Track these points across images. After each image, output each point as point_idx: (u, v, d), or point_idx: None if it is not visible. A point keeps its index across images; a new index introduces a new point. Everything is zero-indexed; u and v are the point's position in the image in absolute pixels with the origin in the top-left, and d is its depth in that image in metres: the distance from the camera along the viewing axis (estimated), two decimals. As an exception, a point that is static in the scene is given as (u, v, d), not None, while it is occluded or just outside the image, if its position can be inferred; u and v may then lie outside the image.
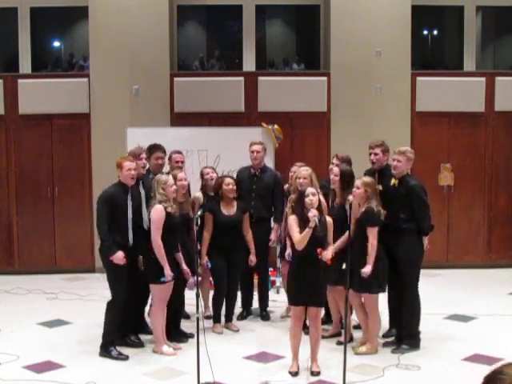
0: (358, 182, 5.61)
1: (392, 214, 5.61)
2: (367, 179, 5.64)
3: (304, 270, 5.09)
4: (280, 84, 8.97)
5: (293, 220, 5.18)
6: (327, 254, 5.12)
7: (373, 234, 5.50)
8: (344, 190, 5.84)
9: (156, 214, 5.54)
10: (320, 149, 8.91)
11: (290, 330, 5.33)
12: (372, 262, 5.46)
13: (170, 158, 6.77)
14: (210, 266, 6.29)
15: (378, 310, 5.69)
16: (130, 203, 5.67)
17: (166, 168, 6.66)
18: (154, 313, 5.70)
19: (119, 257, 5.49)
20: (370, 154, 6.06)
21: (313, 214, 5.02)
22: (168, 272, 5.52)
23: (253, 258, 6.49)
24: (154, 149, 6.41)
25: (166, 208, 5.54)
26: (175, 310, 5.99)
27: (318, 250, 5.04)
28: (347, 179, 5.86)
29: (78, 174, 8.98)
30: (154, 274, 5.57)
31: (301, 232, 5.07)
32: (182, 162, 6.73)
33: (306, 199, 5.10)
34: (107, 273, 5.66)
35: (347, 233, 5.43)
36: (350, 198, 5.59)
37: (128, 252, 5.60)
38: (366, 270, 5.45)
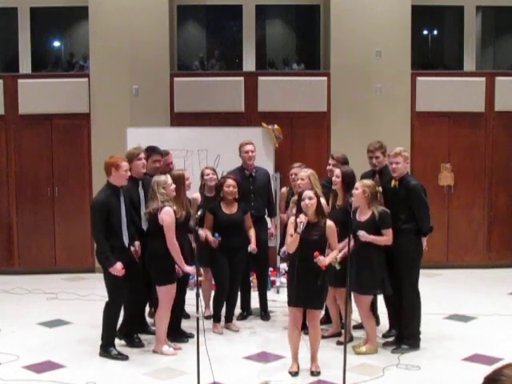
0: (357, 183, 5.64)
1: (392, 215, 5.60)
2: (367, 182, 5.63)
3: (302, 272, 5.05)
4: (280, 84, 8.96)
5: (290, 222, 5.21)
6: (324, 259, 5.04)
7: (390, 235, 5.52)
8: (345, 193, 5.84)
9: (169, 217, 5.52)
10: (320, 149, 8.90)
11: (288, 331, 5.32)
12: (377, 240, 5.47)
13: None
14: (218, 237, 6.13)
15: (369, 309, 5.67)
16: (122, 205, 5.62)
17: None
18: (161, 314, 5.66)
19: (117, 268, 5.43)
20: (371, 158, 6.08)
21: (300, 219, 5.02)
22: (188, 269, 5.59)
23: (253, 246, 6.36)
24: (152, 152, 6.36)
25: (175, 211, 5.54)
26: (177, 310, 5.98)
27: (315, 253, 5.00)
28: (347, 181, 5.85)
29: (78, 174, 8.98)
30: (163, 276, 5.57)
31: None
32: (172, 163, 6.75)
33: (302, 203, 5.10)
34: (105, 277, 5.61)
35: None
36: (351, 199, 5.61)
37: (125, 253, 5.59)
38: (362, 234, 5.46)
